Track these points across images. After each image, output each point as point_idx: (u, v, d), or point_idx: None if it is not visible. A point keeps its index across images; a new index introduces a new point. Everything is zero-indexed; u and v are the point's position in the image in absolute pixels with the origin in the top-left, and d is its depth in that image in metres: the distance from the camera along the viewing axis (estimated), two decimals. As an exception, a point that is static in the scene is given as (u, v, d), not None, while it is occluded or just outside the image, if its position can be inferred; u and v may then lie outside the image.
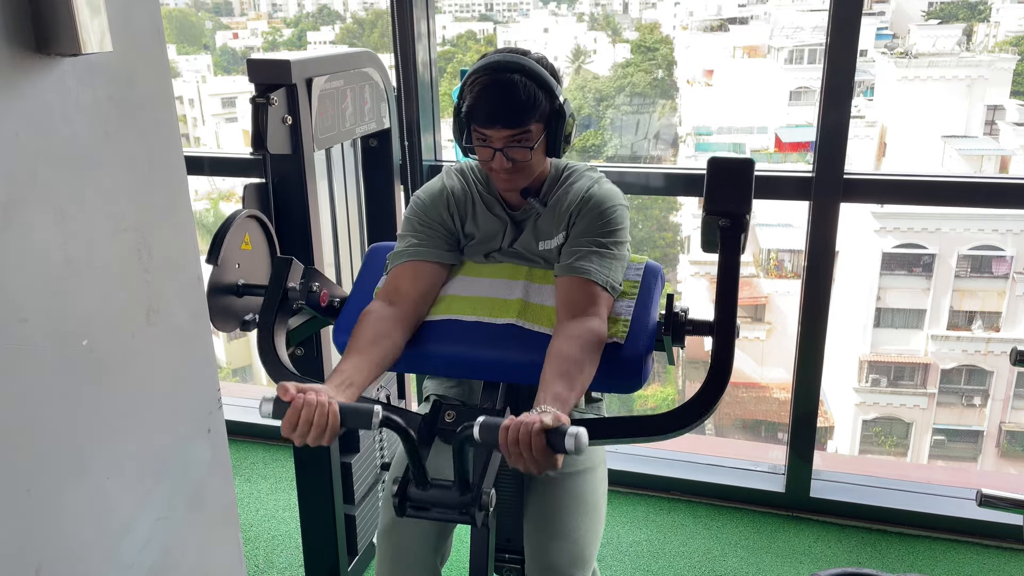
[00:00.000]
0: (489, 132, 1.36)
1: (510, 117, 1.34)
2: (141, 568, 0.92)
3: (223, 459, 1.04)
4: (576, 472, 1.47)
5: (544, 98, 1.36)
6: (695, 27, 17.10)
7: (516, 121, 1.34)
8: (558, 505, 1.43)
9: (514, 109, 1.34)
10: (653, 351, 1.34)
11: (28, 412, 0.78)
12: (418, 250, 1.41)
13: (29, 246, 0.76)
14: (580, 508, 1.44)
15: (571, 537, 1.41)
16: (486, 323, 1.34)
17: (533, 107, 1.35)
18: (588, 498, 1.46)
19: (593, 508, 1.46)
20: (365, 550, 2.16)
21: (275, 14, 20.37)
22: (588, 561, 1.42)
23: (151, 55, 0.88)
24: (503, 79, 1.35)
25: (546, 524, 1.42)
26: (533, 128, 1.36)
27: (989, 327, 12.55)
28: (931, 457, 12.63)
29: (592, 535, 1.44)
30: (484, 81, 1.36)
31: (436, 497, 1.13)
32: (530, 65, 1.36)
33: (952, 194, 2.35)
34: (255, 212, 1.66)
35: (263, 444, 2.83)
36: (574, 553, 1.40)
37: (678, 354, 1.40)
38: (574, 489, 1.45)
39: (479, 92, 1.36)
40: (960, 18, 15.90)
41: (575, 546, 1.40)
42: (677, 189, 2.40)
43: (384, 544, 1.45)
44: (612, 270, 1.37)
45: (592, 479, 1.48)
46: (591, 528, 1.44)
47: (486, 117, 1.35)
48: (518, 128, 1.35)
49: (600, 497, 1.49)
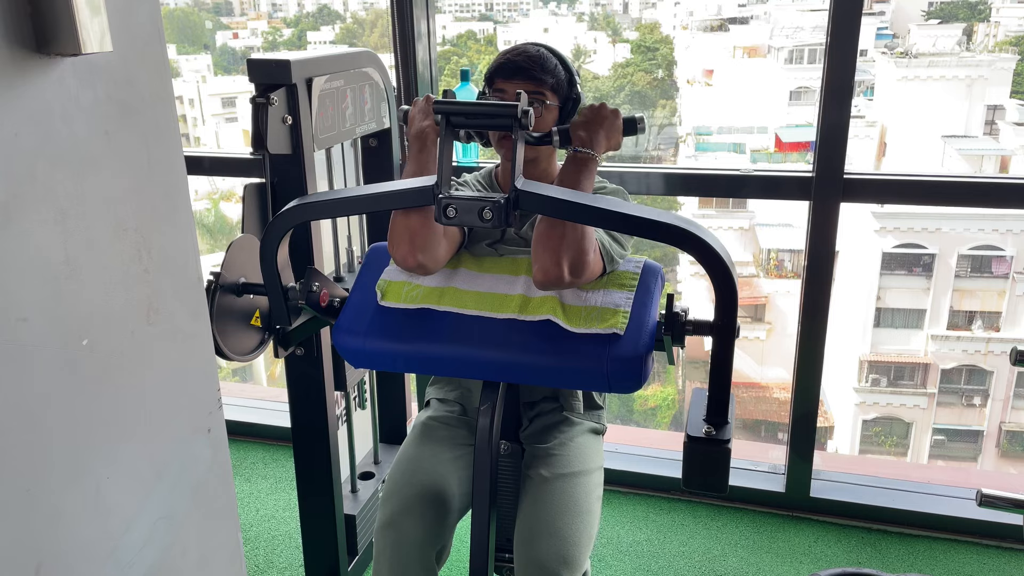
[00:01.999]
0: (508, 86, 1.46)
1: (531, 71, 1.45)
2: (141, 568, 0.92)
3: (223, 459, 1.04)
4: (571, 474, 1.48)
5: (563, 73, 1.48)
6: (695, 27, 17.09)
7: (535, 76, 1.45)
8: (549, 505, 1.43)
9: (535, 67, 1.46)
10: (653, 351, 1.35)
11: (28, 412, 0.77)
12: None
13: (29, 246, 0.76)
14: (572, 509, 1.43)
15: (559, 535, 1.40)
16: (487, 318, 1.34)
17: (553, 71, 1.47)
18: (581, 501, 1.45)
19: (586, 511, 1.45)
20: (365, 550, 2.16)
21: (275, 14, 20.36)
22: (576, 562, 1.40)
23: (151, 55, 0.88)
24: (529, 48, 1.49)
25: (535, 522, 1.42)
26: (549, 95, 1.46)
27: (989, 327, 12.55)
28: (931, 457, 12.64)
29: (582, 537, 1.43)
30: (511, 50, 1.50)
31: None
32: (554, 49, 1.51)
33: (952, 194, 2.35)
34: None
35: (263, 444, 2.83)
36: (561, 551, 1.38)
37: (678, 354, 1.40)
38: (567, 491, 1.45)
39: (505, 55, 1.49)
40: (960, 18, 15.89)
41: (563, 544, 1.39)
42: (677, 189, 2.40)
43: (381, 541, 1.45)
44: (607, 235, 1.38)
45: (587, 483, 1.49)
46: (582, 530, 1.43)
47: (508, 71, 1.47)
48: (536, 84, 1.45)
49: (594, 501, 1.49)
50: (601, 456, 1.58)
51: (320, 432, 1.92)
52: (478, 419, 1.38)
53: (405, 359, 1.36)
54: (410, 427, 1.88)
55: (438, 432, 1.59)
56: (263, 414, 2.92)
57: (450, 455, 1.55)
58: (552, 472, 1.48)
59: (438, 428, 1.60)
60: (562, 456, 1.51)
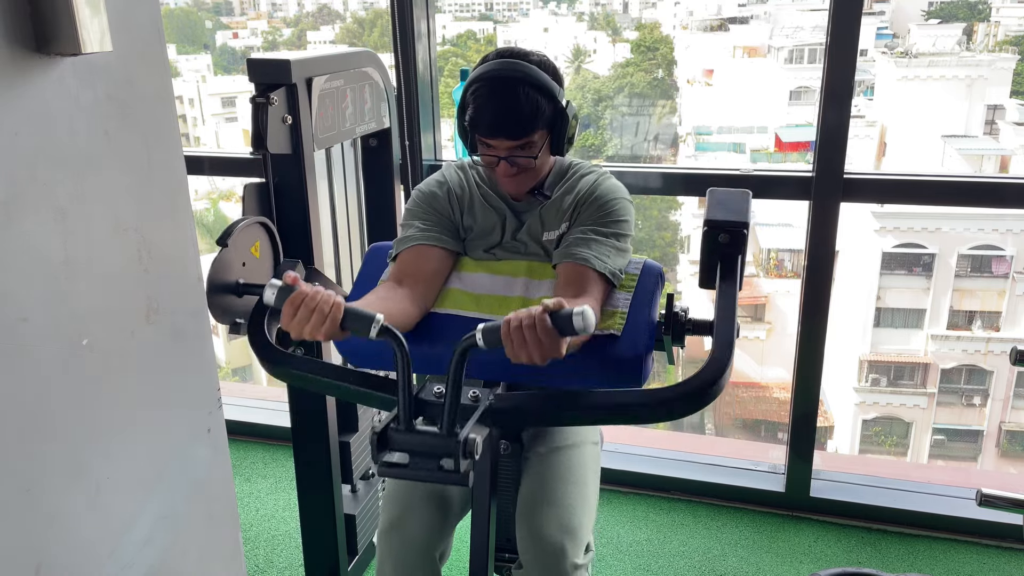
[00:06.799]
0: (492, 142, 1.37)
1: (513, 129, 1.34)
2: (141, 567, 0.92)
3: (223, 459, 1.04)
4: (565, 447, 1.48)
5: (546, 104, 1.36)
6: (695, 27, 17.10)
7: (519, 132, 1.35)
8: (546, 476, 1.43)
9: (517, 122, 1.34)
10: (653, 351, 1.34)
11: (28, 412, 0.77)
12: (425, 235, 1.42)
13: (29, 246, 0.76)
14: (568, 478, 1.43)
15: (559, 503, 1.39)
16: (487, 320, 1.34)
17: (536, 117, 1.34)
18: (577, 471, 1.45)
19: (582, 481, 1.45)
20: (365, 550, 2.16)
21: (275, 14, 20.37)
22: (578, 532, 1.38)
23: (151, 55, 0.88)
24: (504, 90, 1.34)
25: (534, 494, 1.42)
26: (536, 136, 1.37)
27: (989, 327, 12.56)
28: (931, 457, 12.64)
29: (582, 505, 1.42)
30: (485, 92, 1.35)
31: (418, 442, 1.01)
32: (531, 72, 1.35)
33: (952, 194, 2.35)
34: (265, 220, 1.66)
35: (263, 444, 2.83)
36: (562, 519, 1.38)
37: (678, 354, 1.40)
38: (564, 462, 1.46)
39: (481, 103, 1.35)
40: (960, 18, 15.90)
41: (563, 512, 1.38)
42: (677, 189, 2.40)
43: (385, 544, 1.44)
44: (610, 258, 1.37)
45: (581, 454, 1.49)
46: (581, 499, 1.42)
47: (488, 129, 1.35)
48: (521, 139, 1.36)
49: (591, 473, 1.49)
50: (596, 435, 1.58)
51: (320, 432, 1.92)
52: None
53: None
54: (410, 427, 1.88)
55: (439, 432, 1.59)
56: (263, 414, 2.92)
57: (451, 455, 1.55)
58: (547, 447, 1.49)
59: (439, 428, 1.60)
60: (556, 431, 1.52)
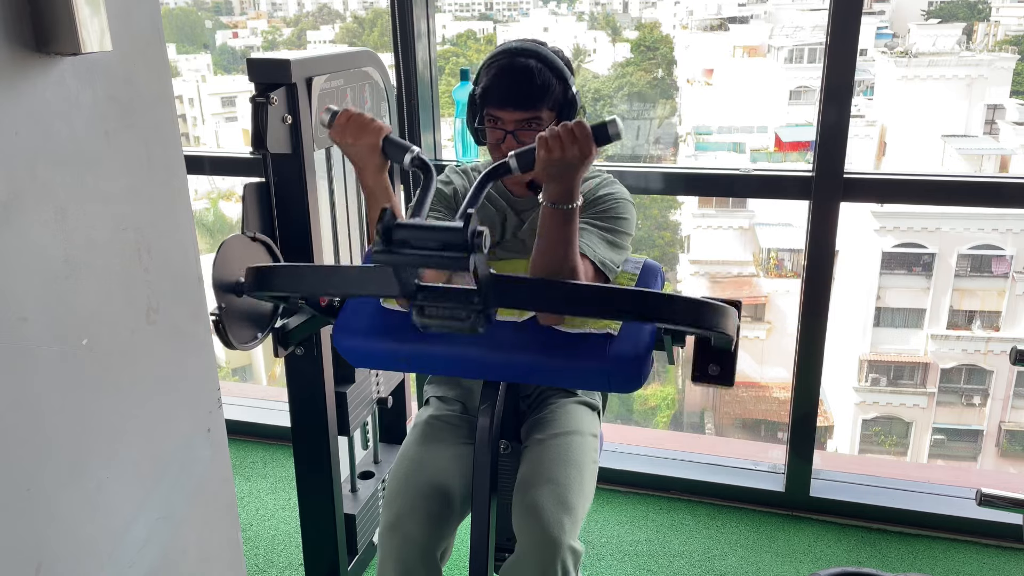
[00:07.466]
0: (501, 114, 1.39)
1: (523, 100, 1.37)
2: (141, 567, 0.92)
3: (223, 459, 1.04)
4: (564, 433, 1.49)
5: (557, 86, 1.40)
6: (695, 26, 17.10)
7: (529, 104, 1.38)
8: (545, 458, 1.45)
9: (528, 93, 1.37)
10: (653, 351, 1.35)
11: (28, 412, 0.77)
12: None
13: (29, 246, 0.76)
14: (567, 460, 1.45)
15: (556, 482, 1.40)
16: None
17: (546, 92, 1.38)
18: (575, 454, 1.47)
19: (580, 465, 1.46)
20: (365, 550, 2.16)
21: (275, 13, 20.36)
22: (574, 510, 1.39)
23: (151, 55, 0.88)
24: (519, 63, 1.39)
25: (532, 474, 1.43)
26: (544, 114, 1.40)
27: (989, 326, 12.57)
28: (931, 456, 12.65)
29: (578, 486, 1.43)
30: (501, 63, 1.40)
31: (426, 237, 0.93)
32: (547, 53, 1.40)
33: (952, 194, 2.35)
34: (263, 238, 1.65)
35: (263, 444, 2.83)
36: (560, 495, 1.39)
37: (678, 354, 1.40)
38: (562, 446, 1.47)
39: (495, 74, 1.39)
40: (960, 17, 15.90)
41: (560, 489, 1.39)
42: (677, 188, 2.40)
43: (386, 543, 1.45)
44: (601, 248, 1.37)
45: (580, 441, 1.50)
46: (578, 482, 1.43)
47: (500, 98, 1.39)
48: (530, 111, 1.38)
49: (589, 461, 1.49)
50: (595, 427, 1.58)
51: (320, 431, 1.92)
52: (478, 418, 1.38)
53: (405, 359, 1.36)
54: (410, 426, 1.88)
55: (440, 431, 1.59)
56: (263, 414, 2.92)
57: (452, 454, 1.55)
58: (546, 433, 1.50)
59: (440, 427, 1.60)
60: (556, 419, 1.53)
